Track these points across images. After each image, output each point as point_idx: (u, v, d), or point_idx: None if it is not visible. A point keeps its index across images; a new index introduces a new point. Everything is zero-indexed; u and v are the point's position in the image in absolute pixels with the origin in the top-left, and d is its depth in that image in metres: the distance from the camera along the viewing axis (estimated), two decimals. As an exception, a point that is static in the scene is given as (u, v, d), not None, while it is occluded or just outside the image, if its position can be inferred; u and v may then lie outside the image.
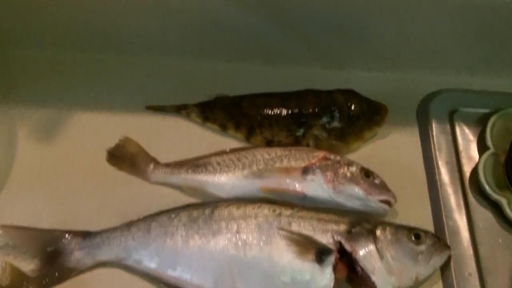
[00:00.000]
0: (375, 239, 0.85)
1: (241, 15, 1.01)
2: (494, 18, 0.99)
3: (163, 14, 1.02)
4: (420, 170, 1.00)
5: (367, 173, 0.92)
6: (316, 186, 0.92)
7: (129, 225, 0.90)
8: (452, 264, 0.90)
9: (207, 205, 0.90)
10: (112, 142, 0.99)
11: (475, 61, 1.09)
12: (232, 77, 1.09)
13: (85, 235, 0.89)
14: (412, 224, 0.90)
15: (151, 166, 0.97)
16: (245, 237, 0.85)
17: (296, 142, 1.00)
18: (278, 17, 1.01)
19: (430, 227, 0.94)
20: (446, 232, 0.93)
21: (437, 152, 1.01)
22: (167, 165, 0.97)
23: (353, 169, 0.93)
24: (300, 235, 0.85)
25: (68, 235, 0.89)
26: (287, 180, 0.92)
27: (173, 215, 0.89)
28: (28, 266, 0.87)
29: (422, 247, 0.86)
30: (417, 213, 0.95)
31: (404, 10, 0.98)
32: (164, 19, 1.03)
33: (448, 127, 1.04)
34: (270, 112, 1.01)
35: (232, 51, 1.09)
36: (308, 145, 1.00)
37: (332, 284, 0.82)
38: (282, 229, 0.85)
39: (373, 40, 1.06)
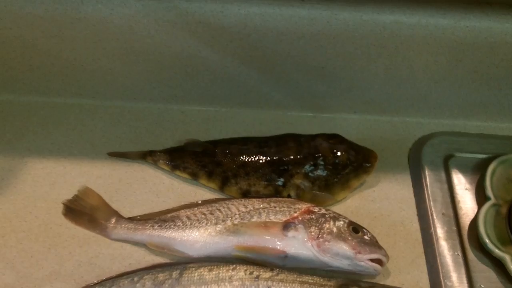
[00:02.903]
0: (367, 306, 0.80)
1: (214, 57, 0.98)
2: (492, 57, 0.96)
3: (128, 56, 0.98)
4: (413, 223, 0.95)
5: (355, 229, 0.87)
6: (298, 244, 0.85)
7: (85, 291, 0.83)
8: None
9: (175, 267, 0.83)
10: (70, 194, 0.93)
11: (471, 104, 1.05)
12: (204, 121, 1.05)
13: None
14: (406, 285, 0.87)
15: (113, 221, 0.90)
16: (218, 305, 0.79)
17: (276, 193, 0.95)
18: (254, 58, 0.98)
19: (426, 288, 0.89)
20: (444, 294, 0.87)
21: (431, 203, 0.95)
22: (131, 219, 0.90)
23: (340, 223, 0.87)
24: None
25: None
26: (266, 237, 0.86)
27: (136, 279, 0.82)
28: None
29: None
30: (412, 272, 0.90)
31: (393, 49, 0.95)
32: (129, 62, 0.99)
33: (443, 174, 0.99)
34: (246, 160, 0.95)
35: (204, 93, 1.04)
36: (289, 196, 0.94)
37: None
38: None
39: (360, 83, 1.02)
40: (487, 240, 0.88)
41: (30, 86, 1.03)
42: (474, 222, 0.92)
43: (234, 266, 0.81)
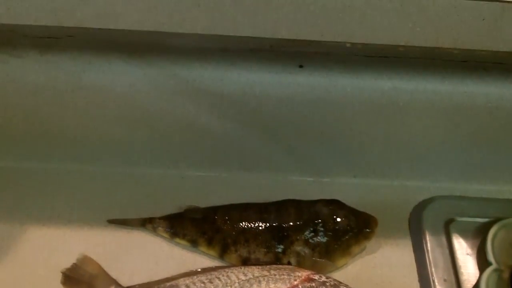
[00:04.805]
0: None
1: (214, 123, 0.97)
2: (491, 122, 0.96)
3: (128, 123, 0.98)
4: (415, 289, 0.93)
5: (356, 297, 0.84)
6: (299, 314, 0.84)
7: None
8: None
9: (174, 338, 0.81)
10: (69, 262, 0.91)
11: (471, 167, 1.04)
12: (204, 186, 1.03)
13: None
14: None
15: (111, 290, 0.88)
16: None
17: (276, 260, 0.93)
18: (254, 124, 0.98)
19: None
20: None
21: (433, 269, 0.93)
22: (130, 288, 0.89)
23: (341, 292, 0.85)
24: None
25: None
26: (266, 307, 0.84)
27: None
28: None
29: None
30: None
31: (392, 114, 0.95)
32: (129, 128, 0.99)
33: (444, 239, 0.97)
34: (246, 226, 0.94)
35: (204, 158, 1.03)
36: (289, 263, 0.93)
37: None
38: None
39: (359, 147, 1.01)
40: (490, 307, 0.86)
41: (30, 152, 1.02)
42: (476, 288, 0.90)
43: (233, 337, 0.79)
